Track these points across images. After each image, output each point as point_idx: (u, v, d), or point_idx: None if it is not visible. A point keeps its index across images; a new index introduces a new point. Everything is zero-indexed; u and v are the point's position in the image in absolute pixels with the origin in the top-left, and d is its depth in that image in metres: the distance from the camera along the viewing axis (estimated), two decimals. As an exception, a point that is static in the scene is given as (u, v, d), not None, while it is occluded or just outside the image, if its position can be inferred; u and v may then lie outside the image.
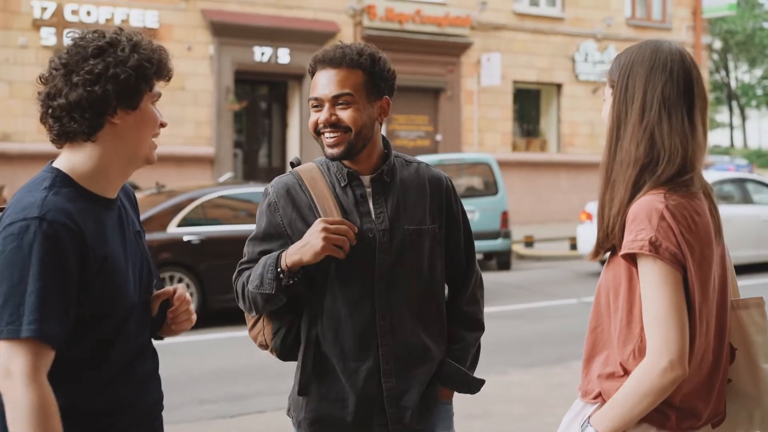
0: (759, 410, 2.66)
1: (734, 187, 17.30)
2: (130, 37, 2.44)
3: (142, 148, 2.48)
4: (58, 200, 2.33)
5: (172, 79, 2.56)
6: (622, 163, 2.52)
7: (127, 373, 2.49)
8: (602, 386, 2.55)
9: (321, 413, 3.02)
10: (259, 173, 23.35)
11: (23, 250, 2.25)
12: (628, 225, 2.45)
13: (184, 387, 8.33)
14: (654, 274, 2.41)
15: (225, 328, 11.25)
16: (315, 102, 3.01)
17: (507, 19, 25.96)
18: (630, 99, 2.54)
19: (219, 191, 12.76)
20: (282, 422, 3.29)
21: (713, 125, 49.84)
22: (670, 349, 2.39)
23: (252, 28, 22.15)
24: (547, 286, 14.95)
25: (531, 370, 8.93)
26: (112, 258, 2.41)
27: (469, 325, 3.16)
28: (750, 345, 2.65)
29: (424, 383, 3.03)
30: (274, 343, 3.09)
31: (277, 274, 2.88)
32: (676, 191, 2.47)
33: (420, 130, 25.15)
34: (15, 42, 19.64)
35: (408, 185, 3.06)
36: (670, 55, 2.55)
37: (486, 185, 17.47)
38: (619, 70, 2.58)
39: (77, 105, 2.36)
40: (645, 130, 2.50)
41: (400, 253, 2.98)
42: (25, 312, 2.22)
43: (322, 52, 3.02)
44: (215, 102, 21.81)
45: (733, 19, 40.69)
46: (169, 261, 11.76)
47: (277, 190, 3.04)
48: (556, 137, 27.30)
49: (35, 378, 2.21)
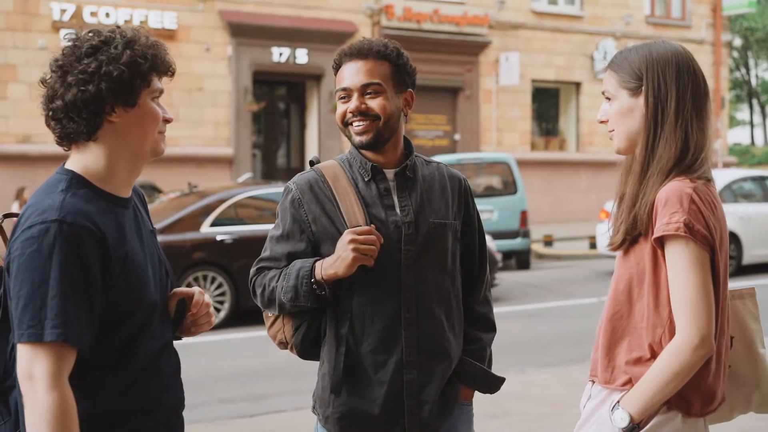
0: (758, 393, 2.82)
1: (755, 185, 17.20)
2: (124, 34, 2.42)
3: (146, 143, 2.47)
4: (76, 202, 2.32)
5: (190, 81, 2.55)
6: (661, 159, 2.62)
7: (153, 373, 2.49)
8: (632, 372, 2.61)
9: (349, 408, 3.02)
10: (277, 173, 23.39)
11: (43, 254, 2.24)
12: (660, 209, 2.54)
13: (205, 386, 8.35)
14: (687, 256, 2.50)
15: (257, 327, 11.27)
16: (343, 93, 3.03)
17: (525, 17, 25.90)
18: (665, 99, 2.63)
19: (248, 191, 12.85)
20: (301, 421, 3.30)
21: (733, 123, 49.55)
22: (700, 326, 2.48)
23: (270, 28, 22.19)
24: (567, 285, 14.91)
25: (550, 370, 8.90)
26: (132, 257, 2.41)
27: (484, 326, 3.20)
28: (747, 332, 2.81)
29: (444, 378, 3.05)
30: (294, 340, 3.10)
31: (312, 287, 2.92)
32: (698, 179, 2.59)
33: (438, 129, 25.13)
34: (34, 44, 19.76)
35: (430, 181, 3.11)
36: (688, 56, 2.69)
37: (505, 185, 17.45)
38: (645, 71, 2.66)
39: (73, 105, 2.36)
40: (681, 127, 2.62)
41: (426, 246, 3.02)
42: (48, 316, 2.21)
43: (348, 46, 3.07)
44: (234, 103, 21.86)
45: (753, 16, 40.40)
46: (203, 260, 11.91)
47: (300, 187, 3.05)
48: (575, 136, 27.22)
49: (58, 381, 2.21)
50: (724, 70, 30.00)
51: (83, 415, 2.27)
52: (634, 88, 2.67)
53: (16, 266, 2.27)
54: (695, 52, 27.97)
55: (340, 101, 3.04)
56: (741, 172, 18.68)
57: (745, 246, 15.95)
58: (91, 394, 2.30)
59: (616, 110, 2.71)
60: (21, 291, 2.24)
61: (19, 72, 19.72)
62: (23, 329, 2.22)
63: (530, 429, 6.87)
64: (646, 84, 2.65)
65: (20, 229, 2.30)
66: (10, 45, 19.73)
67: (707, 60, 28.54)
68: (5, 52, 19.69)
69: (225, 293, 11.90)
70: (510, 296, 13.71)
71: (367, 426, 3.03)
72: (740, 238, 15.89)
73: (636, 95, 2.67)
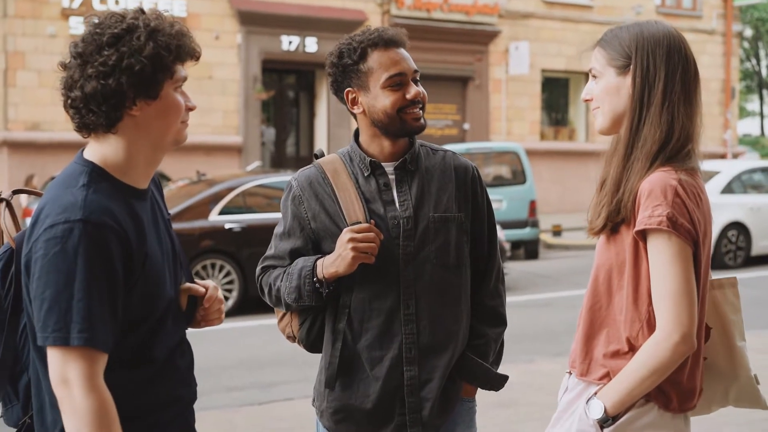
0: (735, 386, 2.73)
1: (764, 175, 17.15)
2: (148, 21, 2.32)
3: (167, 135, 2.39)
4: (99, 199, 2.25)
5: (199, 69, 2.49)
6: (645, 141, 2.54)
7: (170, 368, 2.45)
8: (609, 365, 2.56)
9: (343, 403, 3.02)
10: (286, 162, 23.39)
11: (68, 255, 2.17)
12: (643, 201, 2.47)
13: (213, 374, 8.36)
14: (669, 250, 2.43)
15: (265, 315, 11.28)
16: (398, 79, 2.95)
17: (535, 7, 25.84)
18: (653, 80, 2.55)
19: (257, 180, 12.88)
20: (309, 409, 3.29)
21: (743, 114, 49.38)
22: (682, 323, 2.42)
23: (279, 16, 22.17)
24: (575, 276, 14.88)
25: (559, 359, 8.88)
26: (151, 255, 2.35)
27: (492, 320, 3.13)
28: (726, 324, 2.72)
29: (445, 374, 3.00)
30: (300, 334, 3.10)
31: (315, 286, 2.92)
32: (683, 168, 2.51)
33: (448, 118, 25.09)
34: (44, 31, 19.78)
35: (433, 173, 3.05)
36: (680, 38, 2.61)
37: (514, 174, 17.43)
38: (635, 50, 2.58)
39: (92, 97, 2.27)
40: (668, 110, 2.54)
41: (425, 240, 2.97)
42: (74, 319, 2.16)
43: (383, 33, 3.00)
44: (243, 91, 21.85)
45: (764, 6, 40.25)
46: (212, 249, 11.94)
47: (300, 183, 3.04)
48: (585, 126, 27.16)
49: (94, 384, 2.18)
50: (735, 61, 29.87)
51: None
52: (622, 66, 2.59)
53: (39, 267, 2.20)
54: (706, 42, 27.89)
55: (390, 88, 2.94)
56: (750, 162, 18.63)
57: (755, 237, 15.91)
58: (110, 391, 2.24)
59: (602, 88, 2.63)
60: (45, 293, 2.18)
61: (28, 59, 19.73)
62: (48, 332, 2.18)
63: (539, 418, 6.85)
64: (635, 63, 2.57)
65: (41, 226, 2.22)
66: (19, 32, 19.74)
67: (718, 50, 28.42)
68: (14, 39, 19.70)
69: (233, 281, 11.92)
70: (518, 286, 13.70)
71: (360, 421, 3.02)
72: (749, 228, 15.85)
73: (624, 74, 2.59)
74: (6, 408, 2.46)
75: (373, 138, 3.03)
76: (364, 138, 3.06)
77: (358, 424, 3.02)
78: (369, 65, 2.98)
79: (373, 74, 2.97)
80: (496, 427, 6.40)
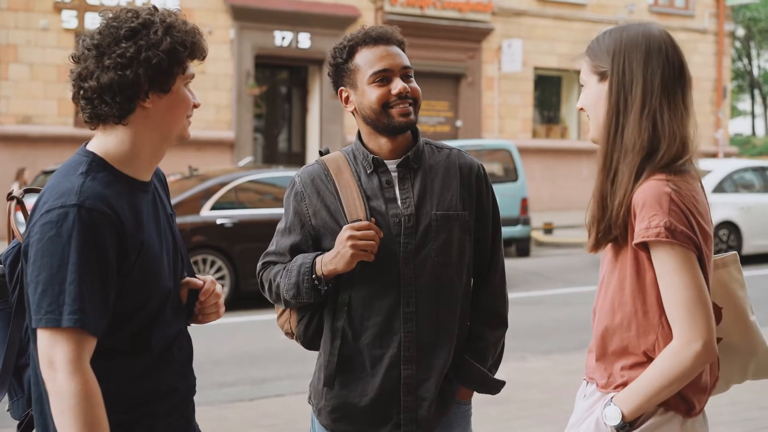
0: (754, 360, 2.70)
1: (755, 175, 17.19)
2: (164, 18, 2.39)
3: (175, 129, 2.47)
4: (95, 186, 2.29)
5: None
6: (626, 152, 2.47)
7: (167, 360, 2.47)
8: (629, 375, 2.51)
9: (341, 401, 3.00)
10: (278, 158, 23.36)
11: (62, 239, 2.21)
12: (638, 212, 2.40)
13: (204, 370, 8.34)
14: (673, 260, 2.38)
15: (256, 311, 11.29)
16: (384, 74, 2.94)
17: (528, 5, 25.84)
18: (629, 85, 2.47)
19: (249, 175, 12.89)
20: (301, 406, 3.30)
21: (735, 113, 49.43)
22: (701, 332, 2.37)
23: (272, 12, 22.14)
24: (566, 273, 14.91)
25: (550, 357, 8.92)
26: (148, 244, 2.38)
27: (492, 322, 3.11)
28: (736, 300, 2.68)
29: (442, 374, 2.99)
30: (298, 331, 3.10)
31: (314, 283, 2.91)
32: (676, 174, 2.44)
33: (440, 116, 25.09)
34: (36, 24, 19.71)
35: (436, 171, 3.03)
36: (662, 38, 2.51)
37: (506, 172, 17.43)
38: (612, 55, 2.50)
39: (108, 88, 2.32)
40: (648, 116, 2.45)
41: (426, 239, 2.95)
42: (66, 301, 2.19)
43: (371, 31, 2.99)
44: (235, 86, 21.82)
45: (756, 6, 40.28)
46: (203, 244, 11.93)
47: (303, 180, 3.03)
48: (577, 124, 27.17)
49: (79, 367, 2.20)
50: (727, 60, 29.91)
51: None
52: (602, 74, 2.52)
53: (34, 251, 2.24)
54: (698, 41, 27.93)
55: (376, 84, 2.94)
56: (742, 162, 18.67)
57: (746, 236, 15.96)
58: (103, 379, 2.27)
59: (588, 97, 2.58)
60: (39, 276, 2.22)
61: (20, 52, 19.66)
62: (41, 314, 2.21)
63: (530, 416, 6.87)
64: (611, 68, 2.48)
65: (39, 212, 2.27)
66: (11, 25, 19.66)
67: (710, 50, 28.46)
68: (7, 32, 19.62)
69: (225, 277, 11.90)
70: (510, 283, 13.55)
71: (359, 420, 3.01)
72: (740, 228, 15.91)
73: (603, 81, 2.52)
74: (12, 401, 2.49)
75: (369, 135, 3.02)
76: (364, 136, 3.05)
77: (357, 422, 3.01)
78: (356, 63, 2.98)
79: (359, 71, 2.97)
80: (486, 424, 6.41)
